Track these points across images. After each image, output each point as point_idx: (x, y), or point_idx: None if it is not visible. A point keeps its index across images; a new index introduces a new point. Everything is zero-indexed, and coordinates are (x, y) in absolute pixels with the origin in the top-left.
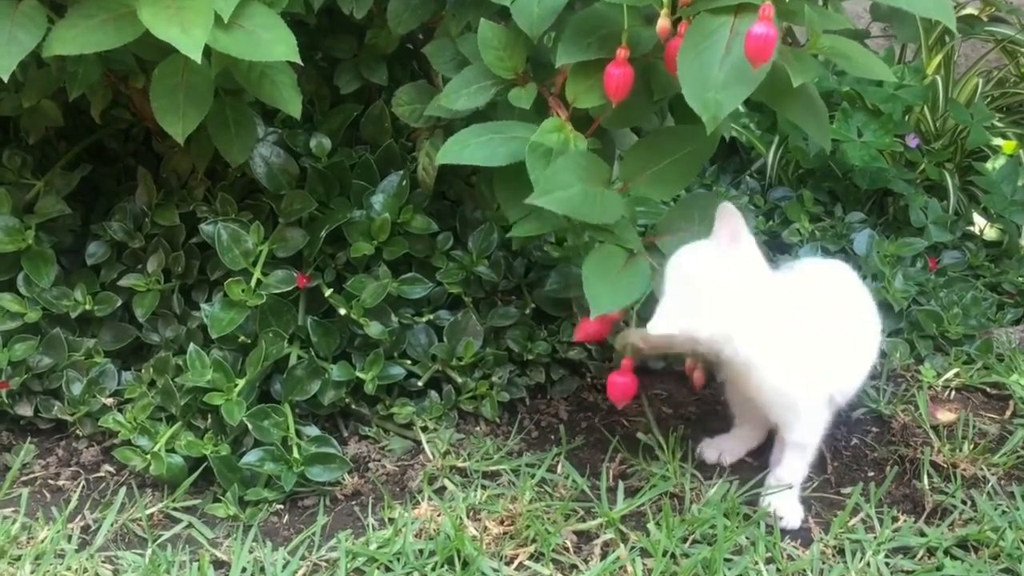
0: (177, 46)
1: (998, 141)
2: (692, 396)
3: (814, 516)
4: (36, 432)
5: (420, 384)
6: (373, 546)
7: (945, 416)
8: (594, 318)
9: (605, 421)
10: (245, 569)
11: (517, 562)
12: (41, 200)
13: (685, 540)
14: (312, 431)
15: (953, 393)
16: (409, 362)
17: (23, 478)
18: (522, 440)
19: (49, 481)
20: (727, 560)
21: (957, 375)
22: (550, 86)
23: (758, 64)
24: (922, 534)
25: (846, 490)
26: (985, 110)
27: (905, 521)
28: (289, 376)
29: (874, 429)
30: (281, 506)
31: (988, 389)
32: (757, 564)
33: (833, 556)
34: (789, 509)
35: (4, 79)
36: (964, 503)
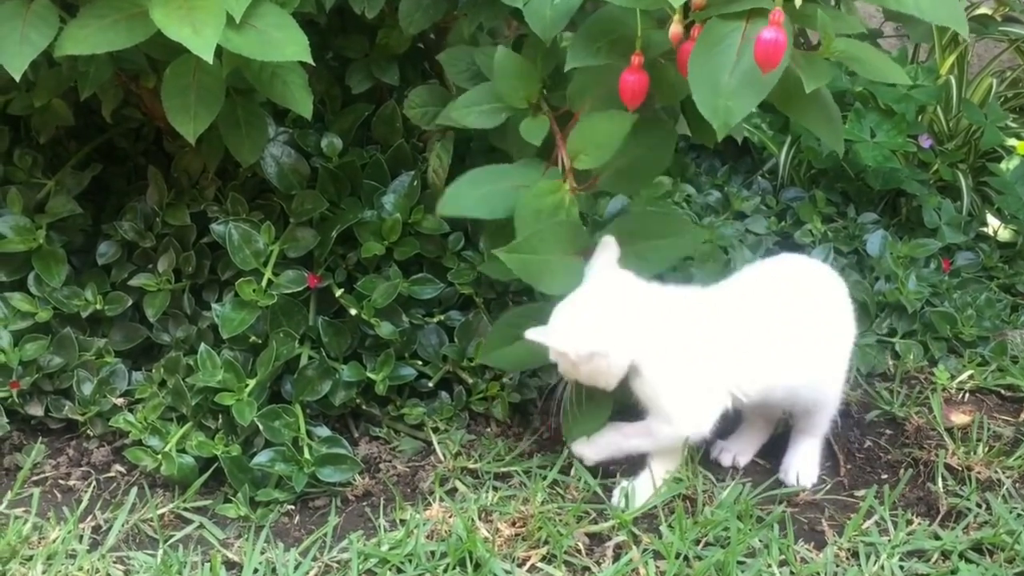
0: (189, 46)
1: (1012, 141)
2: None
3: (827, 519)
4: (47, 432)
5: (431, 385)
6: (385, 547)
7: (959, 418)
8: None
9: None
10: (257, 570)
11: (529, 564)
12: (52, 200)
13: (698, 542)
14: (323, 432)
15: (967, 395)
16: (420, 363)
17: (34, 478)
18: (533, 442)
19: (60, 481)
20: (740, 563)
21: (971, 377)
22: (563, 115)
23: (768, 70)
24: (936, 537)
25: (860, 493)
26: (999, 110)
27: (919, 524)
28: (300, 376)
29: (888, 431)
30: (292, 507)
31: (1003, 391)
32: (771, 567)
33: (847, 559)
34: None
35: (16, 78)
36: (979, 506)
